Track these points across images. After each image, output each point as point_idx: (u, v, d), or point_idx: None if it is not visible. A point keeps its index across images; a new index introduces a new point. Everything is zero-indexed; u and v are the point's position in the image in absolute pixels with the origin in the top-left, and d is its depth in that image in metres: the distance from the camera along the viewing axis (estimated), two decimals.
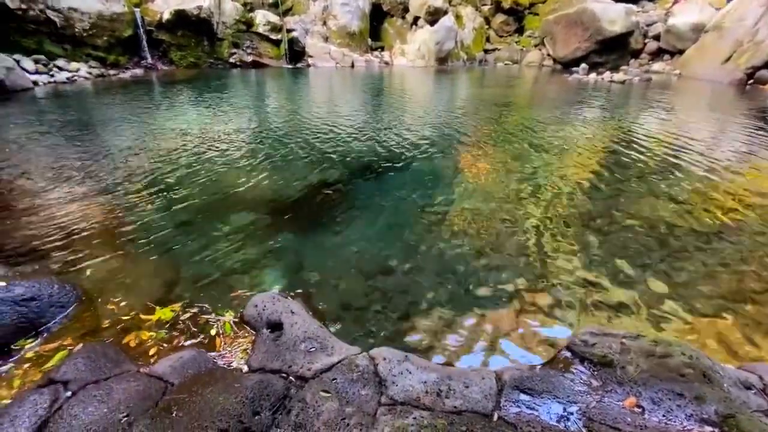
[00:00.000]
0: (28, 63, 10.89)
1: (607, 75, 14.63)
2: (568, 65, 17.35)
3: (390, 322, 2.60)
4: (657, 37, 16.99)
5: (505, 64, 19.58)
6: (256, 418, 1.61)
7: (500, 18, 20.56)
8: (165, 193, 4.25)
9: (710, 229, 3.70)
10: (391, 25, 19.60)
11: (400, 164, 5.34)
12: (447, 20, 18.09)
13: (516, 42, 20.58)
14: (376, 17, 19.15)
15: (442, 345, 2.41)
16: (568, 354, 2.04)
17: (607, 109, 9.23)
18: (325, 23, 17.79)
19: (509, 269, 3.11)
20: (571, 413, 1.68)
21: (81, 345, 2.16)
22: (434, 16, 18.23)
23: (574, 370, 1.92)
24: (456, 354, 2.35)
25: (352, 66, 17.51)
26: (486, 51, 20.24)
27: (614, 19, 16.20)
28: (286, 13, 17.25)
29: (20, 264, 2.88)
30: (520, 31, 20.84)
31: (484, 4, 20.59)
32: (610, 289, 2.89)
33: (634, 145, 6.23)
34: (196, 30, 14.59)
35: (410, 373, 1.86)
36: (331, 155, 5.63)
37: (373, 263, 3.18)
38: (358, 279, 2.98)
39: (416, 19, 18.90)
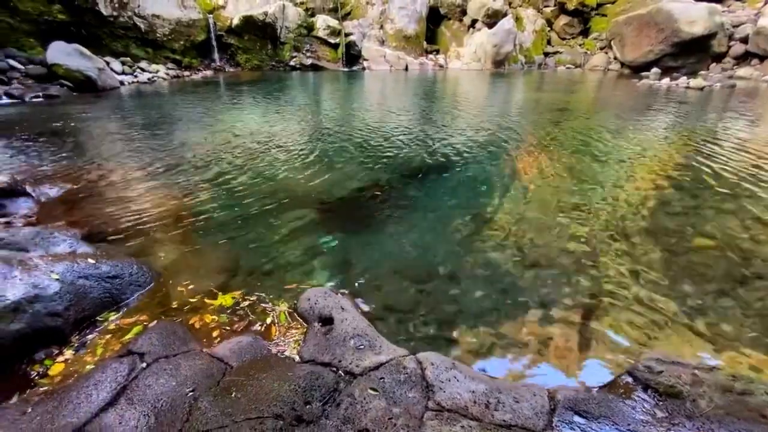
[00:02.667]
0: (116, 64, 12.16)
1: (682, 80, 13.45)
2: (637, 69, 16.20)
3: (434, 327, 2.58)
4: (744, 40, 15.34)
5: (567, 68, 18.70)
6: (308, 407, 1.68)
7: (564, 20, 19.67)
8: (228, 186, 4.55)
9: None
10: (448, 27, 19.47)
11: (451, 168, 5.29)
12: (506, 22, 17.63)
13: (580, 44, 19.59)
14: (433, 20, 19.13)
15: (488, 356, 2.36)
16: (630, 379, 1.91)
17: (681, 118, 8.49)
18: (382, 27, 18.07)
19: (563, 284, 2.97)
20: None
21: (155, 322, 2.38)
22: (493, 18, 17.85)
23: (636, 398, 1.80)
24: (503, 367, 2.29)
25: (406, 69, 17.61)
26: (546, 54, 19.45)
27: (695, 19, 14.86)
28: (345, 17, 17.76)
29: (106, 244, 3.23)
30: (584, 33, 19.80)
31: (547, 6, 19.82)
32: (676, 315, 2.66)
33: (712, 159, 5.67)
34: (262, 34, 15.46)
35: (458, 381, 1.85)
36: (382, 156, 5.71)
37: (419, 267, 3.17)
38: (404, 282, 2.99)
39: (474, 21, 18.61)
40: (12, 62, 9.80)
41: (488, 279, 3.02)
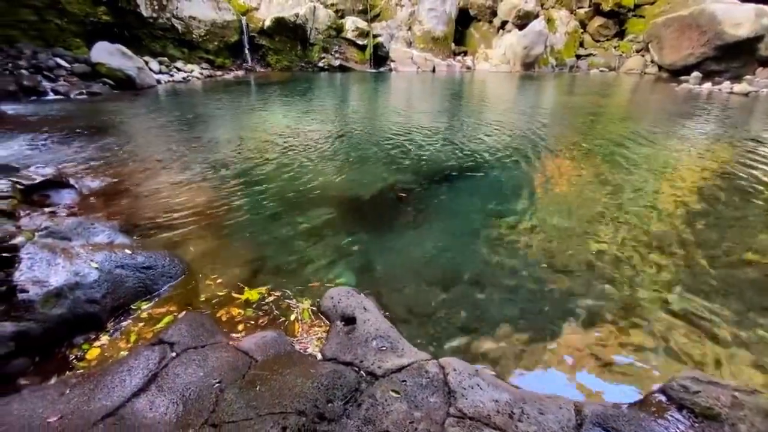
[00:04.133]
0: (154, 64, 12.67)
1: (725, 85, 12.79)
2: (676, 73, 15.51)
3: (456, 332, 2.55)
4: None
5: (600, 71, 18.13)
6: (329, 405, 1.70)
7: (598, 21, 19.08)
8: (255, 184, 4.66)
9: None
10: (477, 29, 19.25)
11: (476, 172, 5.22)
12: (537, 24, 17.27)
13: (614, 47, 18.95)
14: (462, 21, 18.97)
15: (511, 365, 2.30)
16: (663, 398, 1.82)
17: (723, 125, 8.06)
18: (410, 28, 18.07)
19: (592, 294, 2.87)
20: None
21: (184, 313, 2.46)
22: (524, 19, 17.53)
23: (670, 417, 1.71)
24: (526, 377, 2.23)
25: (433, 70, 17.53)
26: (578, 56, 18.93)
27: (740, 21, 14.09)
28: (374, 19, 17.85)
29: (141, 236, 3.37)
30: (620, 35, 19.14)
31: (581, 7, 19.27)
32: (715, 332, 2.52)
33: (758, 169, 5.36)
34: (292, 35, 15.76)
35: (481, 388, 1.82)
36: (406, 158, 5.70)
37: (441, 270, 3.14)
38: (426, 285, 2.97)
39: (504, 23, 18.33)
40: (59, 61, 10.38)
41: (513, 286, 2.96)
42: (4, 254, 2.47)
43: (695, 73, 14.35)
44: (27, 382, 1.99)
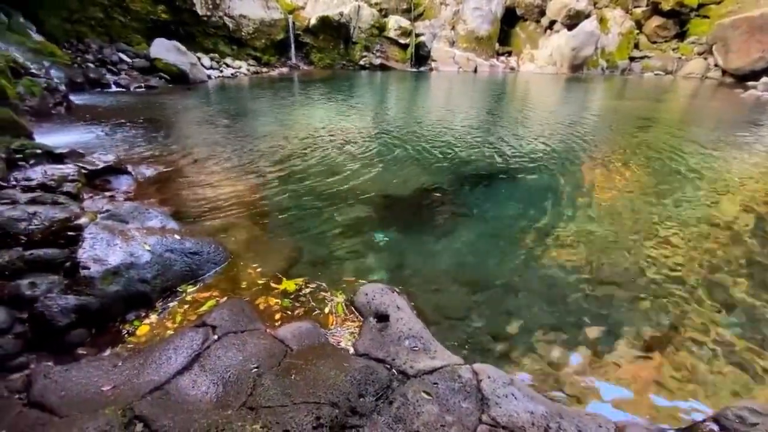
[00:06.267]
0: (205, 60, 13.30)
1: None
2: (743, 78, 14.33)
3: (488, 339, 2.49)
4: None
5: (655, 74, 17.07)
6: (361, 400, 1.72)
7: (656, 21, 17.94)
8: (296, 178, 4.78)
9: None
10: (523, 29, 18.69)
11: (515, 176, 5.07)
12: (588, 24, 16.51)
13: (673, 49, 17.76)
14: (507, 21, 18.47)
15: (545, 377, 2.23)
16: (715, 427, 1.70)
17: None
18: (453, 28, 17.83)
19: (637, 310, 2.72)
20: None
21: (226, 298, 2.57)
22: (574, 19, 16.80)
23: None
24: (563, 391, 2.15)
25: (475, 71, 17.22)
26: (632, 59, 17.91)
27: None
28: (417, 17, 17.76)
29: (189, 223, 3.55)
30: (680, 36, 17.91)
31: (638, 6, 18.20)
32: None
33: None
34: (336, 34, 16.01)
35: (516, 398, 1.77)
36: (443, 159, 5.64)
37: (474, 274, 3.09)
38: (458, 288, 2.93)
39: (552, 23, 17.67)
40: (122, 56, 11.14)
41: (550, 295, 2.86)
42: (70, 233, 2.69)
43: (764, 79, 13.18)
44: (84, 352, 2.16)
